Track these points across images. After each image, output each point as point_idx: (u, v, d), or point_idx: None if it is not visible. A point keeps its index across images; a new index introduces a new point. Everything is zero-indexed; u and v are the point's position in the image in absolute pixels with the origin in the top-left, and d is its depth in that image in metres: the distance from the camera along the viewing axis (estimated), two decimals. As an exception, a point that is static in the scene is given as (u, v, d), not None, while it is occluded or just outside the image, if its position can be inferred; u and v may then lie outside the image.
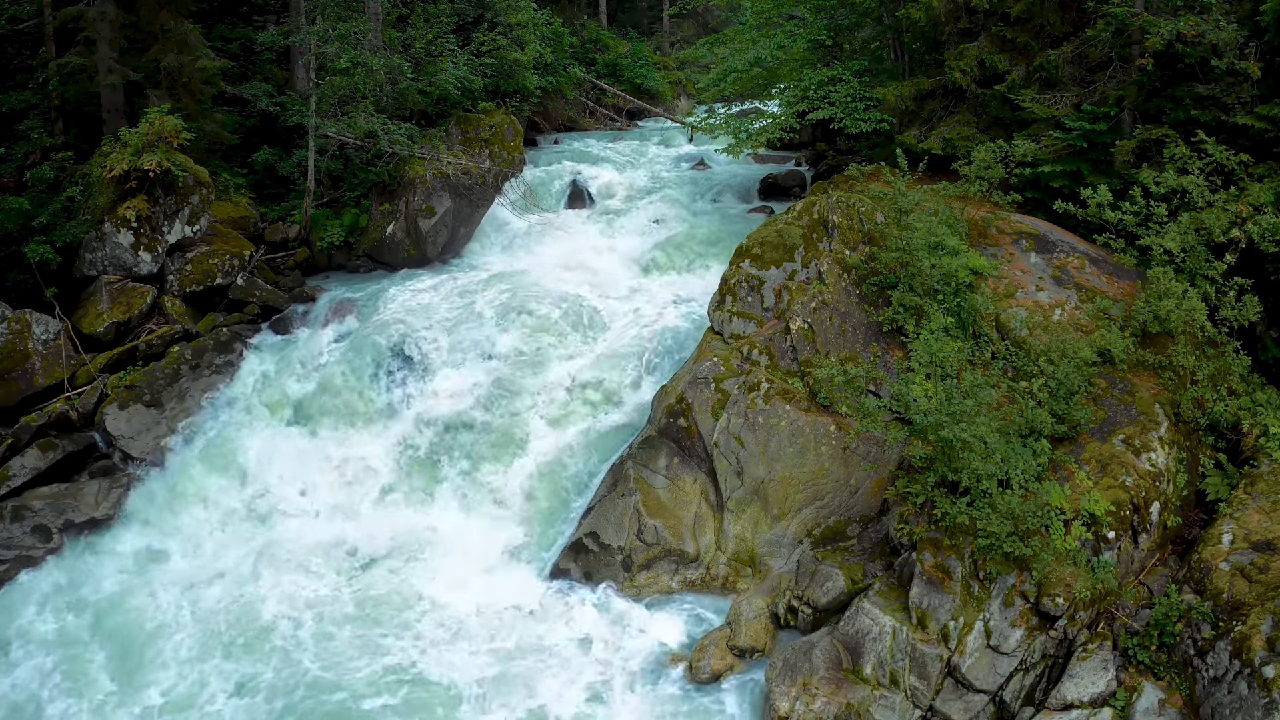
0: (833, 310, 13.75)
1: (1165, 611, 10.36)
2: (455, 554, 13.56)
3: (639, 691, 11.37)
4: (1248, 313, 12.48)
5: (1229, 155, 13.18)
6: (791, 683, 10.65)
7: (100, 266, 16.43)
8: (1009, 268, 13.97)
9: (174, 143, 16.51)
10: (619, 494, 13.24)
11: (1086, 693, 10.05)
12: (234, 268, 17.63)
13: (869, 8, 19.71)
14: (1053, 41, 15.92)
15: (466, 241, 20.69)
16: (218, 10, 22.07)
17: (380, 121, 19.48)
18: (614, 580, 12.79)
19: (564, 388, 15.32)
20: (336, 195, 20.33)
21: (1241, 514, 10.92)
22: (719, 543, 12.97)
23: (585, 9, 37.84)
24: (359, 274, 19.73)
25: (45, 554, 13.48)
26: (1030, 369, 12.40)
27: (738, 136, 20.76)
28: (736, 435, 13.00)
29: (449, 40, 22.77)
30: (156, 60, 18.03)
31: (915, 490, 11.33)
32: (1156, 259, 12.79)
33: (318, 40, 18.98)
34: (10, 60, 18.74)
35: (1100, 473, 11.29)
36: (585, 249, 20.54)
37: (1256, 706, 9.10)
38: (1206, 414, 12.30)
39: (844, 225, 14.66)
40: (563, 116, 30.59)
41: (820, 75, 19.59)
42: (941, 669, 10.34)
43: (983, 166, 14.96)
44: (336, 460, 15.04)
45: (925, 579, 10.67)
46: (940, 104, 18.05)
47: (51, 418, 14.68)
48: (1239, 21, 13.79)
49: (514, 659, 11.81)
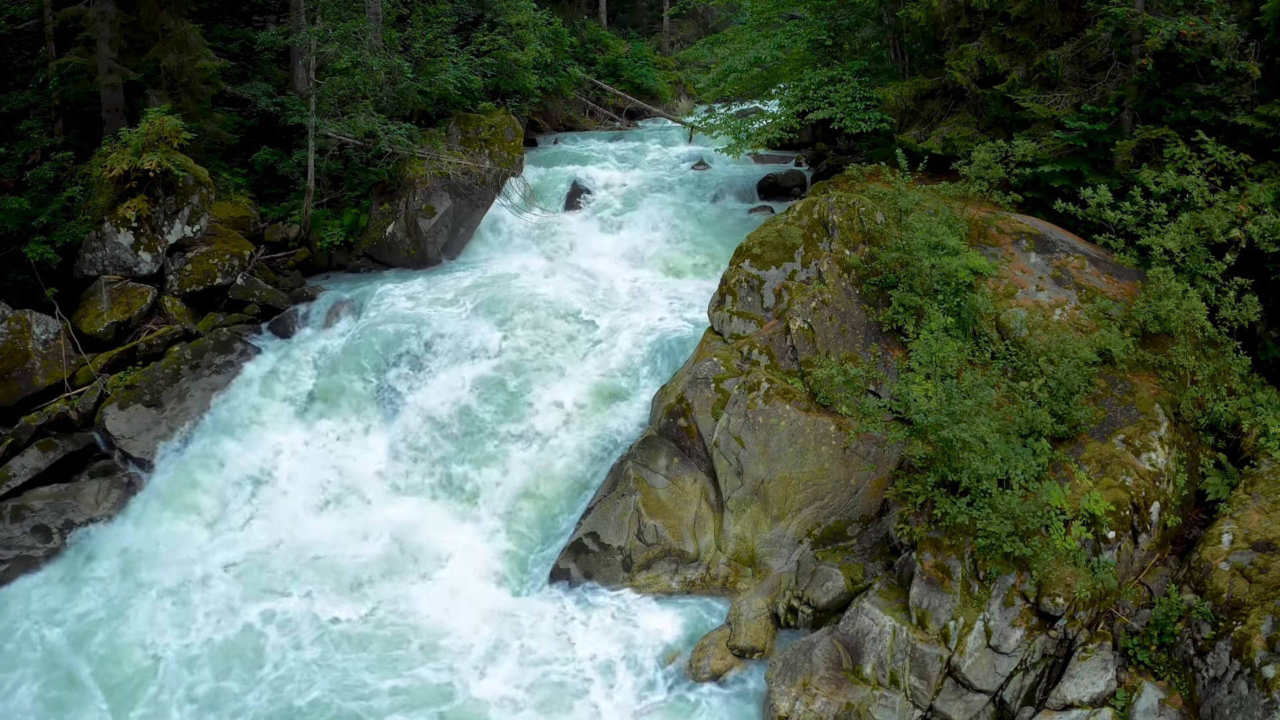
0: (833, 310, 13.76)
1: (1165, 611, 10.36)
2: (453, 554, 13.55)
3: (639, 691, 11.38)
4: (1248, 313, 12.47)
5: (1229, 155, 13.18)
6: (791, 683, 10.65)
7: (100, 266, 16.44)
8: (1009, 268, 13.97)
9: (174, 143, 16.52)
10: (619, 494, 13.25)
11: (1086, 693, 10.06)
12: (234, 268, 17.64)
13: (869, 8, 19.71)
14: (1053, 41, 15.92)
15: (466, 241, 20.70)
16: (218, 10, 22.09)
17: (380, 121, 19.50)
18: (614, 580, 12.80)
19: (562, 386, 15.31)
20: (336, 195, 20.34)
21: (1241, 514, 10.92)
22: (719, 543, 12.97)
23: (585, 9, 37.85)
24: (359, 274, 19.74)
25: (45, 554, 13.47)
26: (1030, 369, 12.40)
27: (738, 136, 20.76)
28: (736, 435, 13.00)
29: (449, 40, 22.79)
30: (156, 60, 18.04)
31: (915, 490, 11.33)
32: (1156, 259, 12.79)
33: (318, 40, 18.99)
34: (10, 60, 18.76)
35: (1100, 473, 11.29)
36: (585, 249, 20.55)
37: (1256, 706, 9.10)
38: (1206, 414, 12.30)
39: (844, 225, 14.66)
40: (563, 116, 30.59)
41: (820, 75, 19.59)
42: (941, 669, 10.35)
43: (983, 166, 14.96)
44: (335, 461, 15.03)
45: (925, 579, 10.67)
46: (940, 104, 18.05)
47: (51, 418, 14.69)
48: (1239, 21, 13.79)
49: (513, 659, 11.81)
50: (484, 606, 12.70)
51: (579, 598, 12.74)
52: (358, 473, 14.89)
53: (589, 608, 12.56)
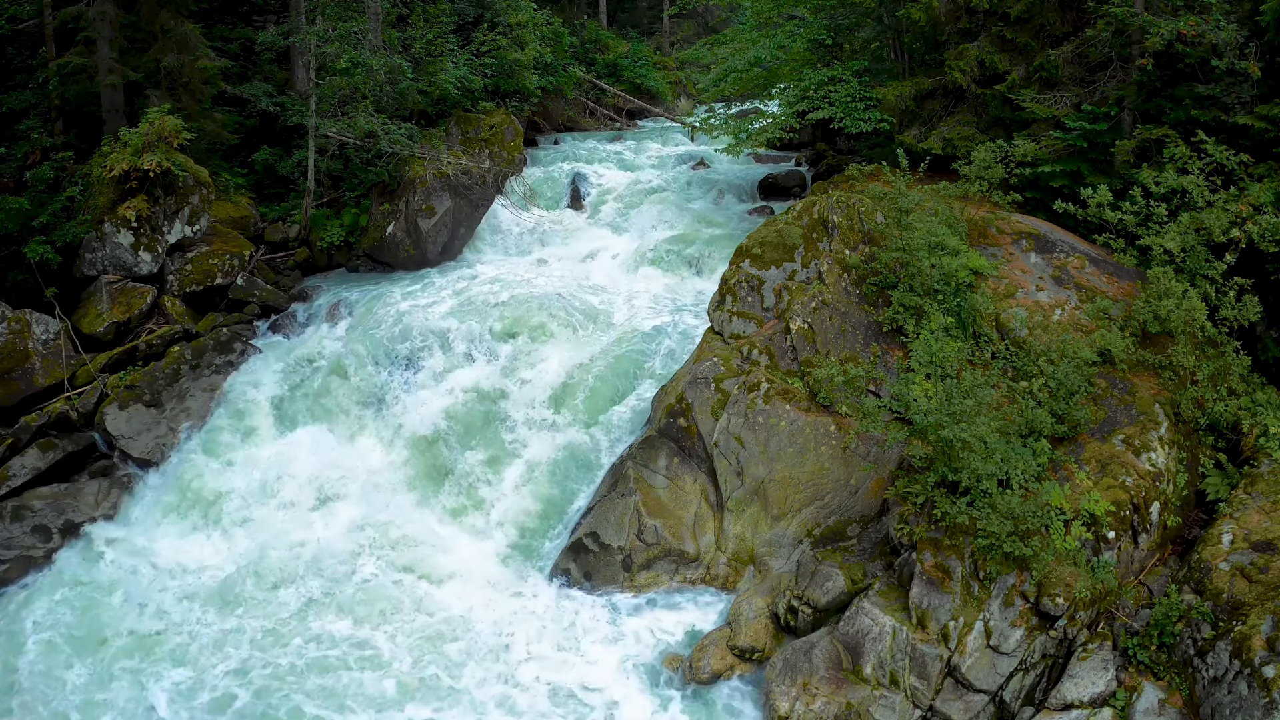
0: (833, 310, 13.75)
1: (1165, 611, 10.36)
2: (452, 554, 13.55)
3: (638, 691, 11.37)
4: (1248, 313, 12.47)
5: (1229, 155, 13.17)
6: (791, 683, 10.65)
7: (100, 266, 16.44)
8: (1009, 268, 13.97)
9: (174, 143, 16.53)
10: (619, 494, 13.24)
11: (1086, 693, 10.05)
12: (234, 268, 17.65)
13: (869, 8, 19.71)
14: (1053, 41, 15.92)
15: (466, 241, 20.69)
16: (218, 10, 22.10)
17: (380, 121, 19.50)
18: (614, 580, 12.80)
19: (562, 387, 15.30)
20: (336, 195, 20.35)
21: (1241, 514, 10.92)
22: (719, 543, 12.97)
23: (585, 9, 37.83)
24: (359, 274, 19.74)
25: (45, 554, 13.46)
26: (1030, 369, 12.40)
27: (738, 136, 20.77)
28: (736, 435, 13.00)
29: (449, 40, 22.79)
30: (156, 60, 18.05)
31: (915, 490, 11.32)
32: (1156, 259, 12.78)
33: (318, 40, 19.00)
34: (10, 60, 18.76)
35: (1100, 473, 11.28)
36: (585, 248, 20.55)
37: (1256, 706, 9.10)
38: (1206, 414, 12.30)
39: (844, 225, 14.66)
40: (563, 116, 30.59)
41: (820, 75, 19.60)
42: (941, 669, 10.34)
43: (983, 166, 14.95)
44: (334, 460, 15.03)
45: (925, 579, 10.67)
46: (940, 104, 18.05)
47: (51, 418, 14.69)
48: (1239, 21, 13.79)
49: (512, 658, 11.81)
50: (481, 605, 12.68)
51: (578, 597, 12.73)
52: (356, 473, 14.88)
53: (588, 607, 12.55)
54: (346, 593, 12.84)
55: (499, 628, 12.32)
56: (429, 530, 13.97)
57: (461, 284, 18.22)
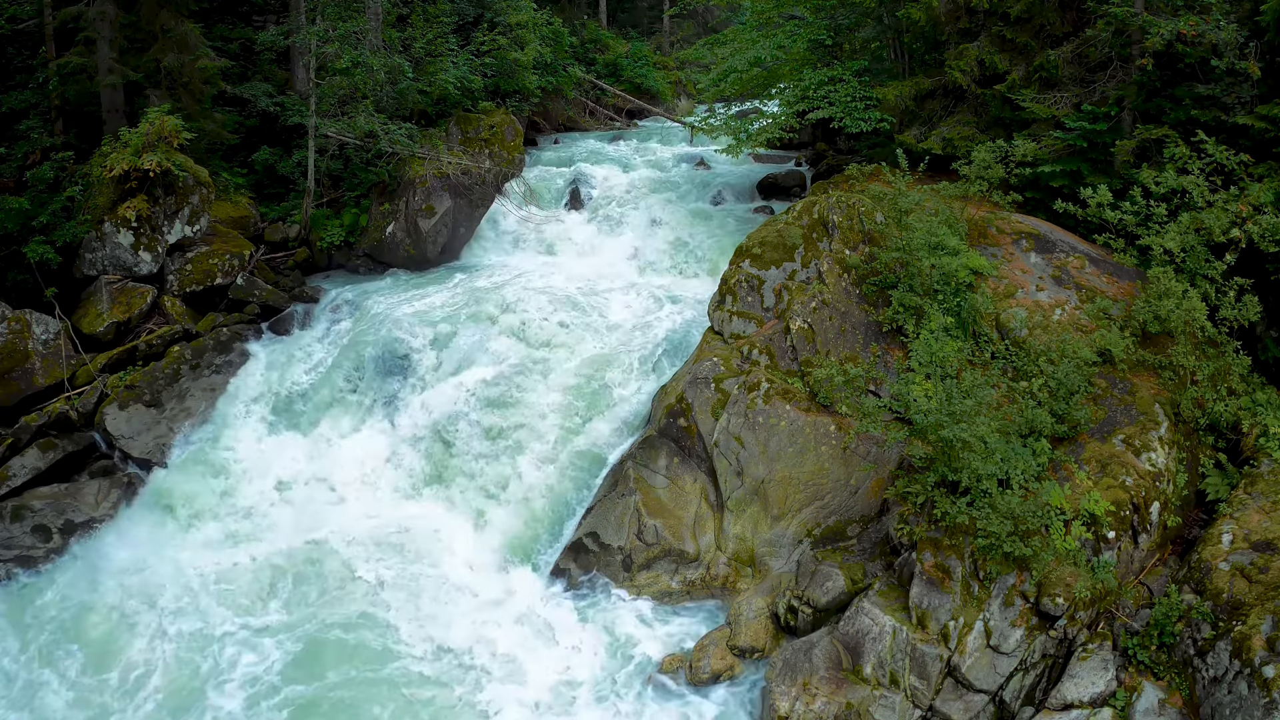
0: (833, 310, 13.75)
1: (1165, 611, 10.36)
2: (452, 555, 13.54)
3: (638, 691, 11.37)
4: (1248, 313, 12.47)
5: (1229, 155, 13.18)
6: (791, 683, 10.65)
7: (100, 266, 16.43)
8: (1009, 268, 13.97)
9: (174, 143, 16.52)
10: (619, 494, 13.24)
11: (1086, 693, 10.05)
12: (234, 268, 17.64)
13: (869, 8, 19.71)
14: (1053, 41, 15.92)
15: (467, 241, 20.70)
16: (218, 10, 22.10)
17: (380, 121, 19.50)
18: (614, 580, 12.79)
19: (563, 387, 15.31)
20: (336, 195, 20.35)
21: (1241, 514, 10.92)
22: (719, 543, 12.97)
23: (585, 9, 37.84)
24: (359, 274, 19.74)
25: (45, 554, 13.46)
26: (1030, 369, 12.40)
27: (738, 136, 20.75)
28: (736, 435, 13.00)
29: (449, 40, 22.79)
30: (156, 60, 18.05)
31: (915, 490, 11.33)
32: (1156, 259, 12.78)
33: (318, 40, 19.00)
34: (10, 60, 18.76)
35: (1100, 473, 11.28)
36: (585, 249, 20.55)
37: (1256, 706, 9.10)
38: (1206, 414, 12.30)
39: (844, 225, 14.67)
40: (563, 116, 30.59)
41: (820, 75, 19.59)
42: (941, 669, 10.35)
43: (983, 166, 14.96)
44: (334, 460, 15.03)
45: (925, 579, 10.67)
46: (940, 104, 18.04)
47: (51, 417, 14.69)
48: (1239, 21, 13.79)
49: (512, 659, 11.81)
50: (481, 605, 12.69)
51: (578, 597, 12.73)
52: (356, 474, 14.88)
53: (588, 607, 12.56)
54: (346, 594, 12.85)
55: (497, 628, 12.30)
56: (426, 529, 13.97)
57: (462, 284, 18.22)
